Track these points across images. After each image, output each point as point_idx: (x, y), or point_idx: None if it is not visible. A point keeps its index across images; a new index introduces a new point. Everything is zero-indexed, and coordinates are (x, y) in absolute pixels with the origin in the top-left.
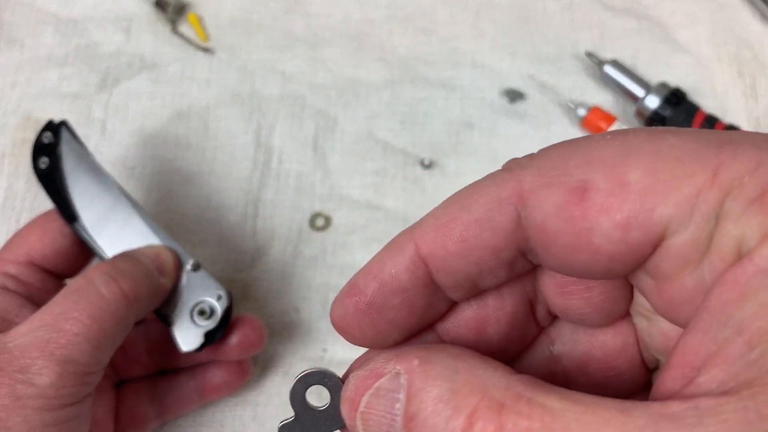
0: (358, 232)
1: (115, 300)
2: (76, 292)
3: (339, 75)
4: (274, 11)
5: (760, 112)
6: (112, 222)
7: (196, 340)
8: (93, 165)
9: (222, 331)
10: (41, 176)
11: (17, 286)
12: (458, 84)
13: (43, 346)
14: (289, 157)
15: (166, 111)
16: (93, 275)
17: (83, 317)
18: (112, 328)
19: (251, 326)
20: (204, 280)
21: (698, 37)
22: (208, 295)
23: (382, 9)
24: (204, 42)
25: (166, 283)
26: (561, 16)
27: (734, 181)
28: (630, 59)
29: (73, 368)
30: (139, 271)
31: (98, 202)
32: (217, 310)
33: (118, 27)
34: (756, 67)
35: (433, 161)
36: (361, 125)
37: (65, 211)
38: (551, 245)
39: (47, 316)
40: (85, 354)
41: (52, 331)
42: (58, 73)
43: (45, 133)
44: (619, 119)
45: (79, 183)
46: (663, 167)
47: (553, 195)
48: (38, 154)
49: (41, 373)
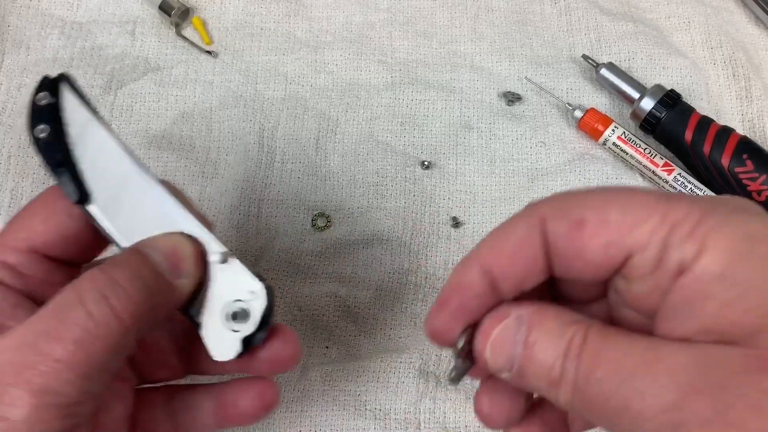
0: (359, 232)
1: (106, 322)
2: (62, 309)
3: (340, 77)
4: (276, 15)
5: (754, 113)
6: (127, 201)
7: (232, 347)
8: (99, 129)
9: (263, 333)
10: (41, 148)
11: (14, 280)
12: (457, 86)
13: (18, 370)
14: (291, 157)
15: (170, 113)
16: (82, 287)
17: (67, 341)
18: (102, 355)
19: (285, 339)
20: (237, 273)
21: (693, 40)
22: (240, 293)
23: (382, 12)
24: (208, 45)
25: (183, 284)
26: (558, 20)
27: (674, 222)
28: (626, 62)
29: (53, 399)
30: (143, 281)
31: (108, 177)
32: (254, 310)
33: (123, 30)
34: (750, 70)
35: (433, 162)
36: (362, 127)
37: (71, 190)
38: (561, 256)
39: (29, 333)
40: (68, 384)
41: (32, 353)
42: None
43: (41, 93)
44: (615, 121)
45: (87, 154)
46: (631, 211)
47: (561, 225)
48: (36, 121)
49: (15, 405)
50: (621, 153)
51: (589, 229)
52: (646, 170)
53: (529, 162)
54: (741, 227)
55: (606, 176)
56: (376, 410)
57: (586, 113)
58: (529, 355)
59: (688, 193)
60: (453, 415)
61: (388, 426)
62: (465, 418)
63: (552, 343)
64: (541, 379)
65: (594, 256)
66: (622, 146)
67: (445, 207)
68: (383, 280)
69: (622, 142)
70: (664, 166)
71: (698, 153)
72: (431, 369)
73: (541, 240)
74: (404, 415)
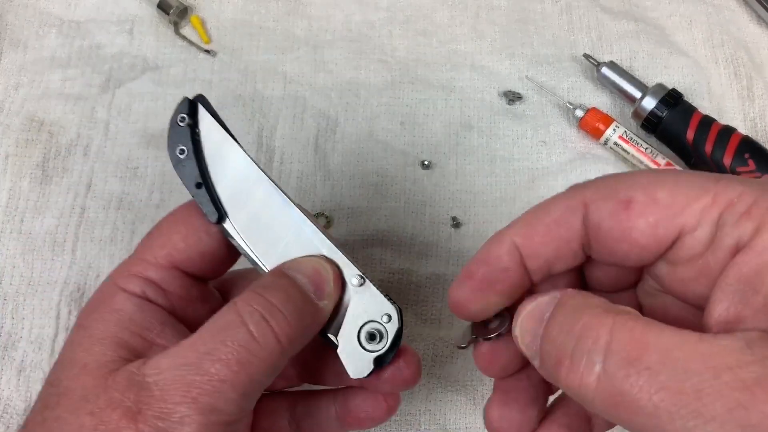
0: (359, 231)
1: (267, 345)
2: (224, 331)
3: (340, 76)
4: (275, 13)
5: (756, 113)
6: (265, 221)
7: (366, 366)
8: (236, 150)
9: (392, 354)
10: (180, 168)
11: (159, 297)
12: (457, 85)
13: (185, 390)
14: (290, 157)
15: (168, 112)
16: (243, 310)
17: (231, 362)
18: (261, 375)
19: (407, 360)
20: (371, 296)
21: (695, 39)
22: (376, 315)
23: (382, 11)
24: (206, 44)
25: (326, 306)
26: (559, 19)
27: (727, 202)
28: (627, 61)
29: (218, 417)
30: (295, 304)
31: (247, 198)
32: (387, 333)
33: (121, 29)
34: (752, 69)
35: (433, 162)
36: (362, 126)
37: (210, 210)
38: (604, 238)
39: (191, 354)
40: (231, 403)
41: (196, 373)
42: (62, 74)
43: (180, 115)
44: (616, 120)
45: (223, 174)
46: (681, 191)
47: (607, 204)
48: (176, 142)
49: (183, 422)
50: (622, 152)
51: (637, 209)
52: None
53: (529, 161)
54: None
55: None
56: None
57: (587, 112)
58: (545, 332)
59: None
60: (453, 416)
61: (389, 427)
62: (465, 420)
63: (570, 318)
64: (553, 360)
65: (641, 237)
66: (623, 145)
67: (445, 207)
68: (383, 280)
69: (624, 141)
70: (665, 165)
71: (700, 152)
72: (432, 370)
73: (579, 222)
74: (405, 416)
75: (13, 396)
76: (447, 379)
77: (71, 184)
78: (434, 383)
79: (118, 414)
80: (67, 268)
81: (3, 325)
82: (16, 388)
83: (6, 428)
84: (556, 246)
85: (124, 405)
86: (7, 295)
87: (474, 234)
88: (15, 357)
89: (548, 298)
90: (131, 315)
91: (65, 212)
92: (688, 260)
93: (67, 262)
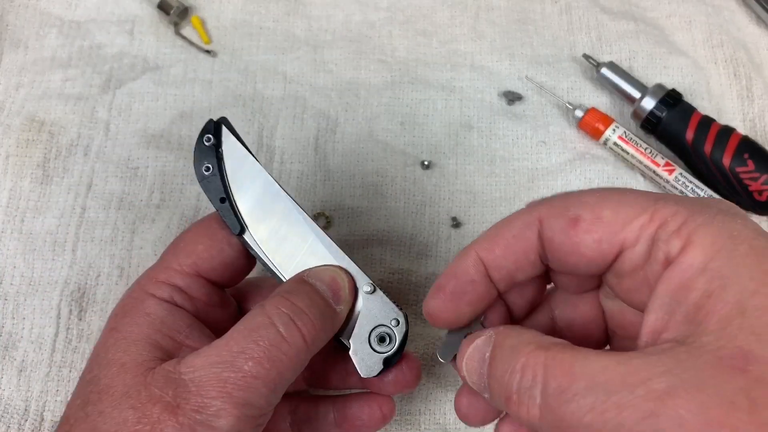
0: (359, 231)
1: (295, 344)
2: (255, 331)
3: (340, 76)
4: (275, 14)
5: (755, 113)
6: (283, 234)
7: (375, 366)
8: (256, 167)
9: (399, 356)
10: (206, 184)
11: (185, 302)
12: (457, 85)
13: (221, 386)
14: (290, 157)
15: (168, 112)
16: (272, 312)
17: (263, 360)
18: (289, 372)
19: (409, 365)
20: (381, 303)
21: (694, 39)
22: (385, 319)
23: (382, 11)
24: (206, 44)
25: (342, 311)
26: (559, 19)
27: (662, 221)
28: (627, 61)
29: (250, 411)
30: (318, 308)
31: (267, 212)
32: (396, 336)
33: (122, 29)
34: (751, 69)
35: (433, 162)
36: (362, 126)
37: (233, 222)
38: (556, 251)
39: (224, 353)
40: (262, 397)
41: (231, 370)
42: (62, 74)
43: (206, 135)
44: (615, 121)
45: (244, 189)
46: (623, 210)
47: (559, 221)
48: (201, 160)
49: (219, 415)
50: (622, 152)
51: (583, 226)
52: (647, 170)
53: (529, 162)
54: (725, 227)
55: (607, 176)
56: None
57: (586, 113)
58: (490, 372)
59: (688, 194)
60: (453, 416)
61: (389, 427)
62: None
63: (508, 359)
64: (502, 396)
65: (587, 251)
66: (622, 146)
67: (445, 207)
68: (383, 279)
69: (623, 141)
70: (665, 165)
71: (699, 153)
72: (432, 370)
73: (535, 236)
74: (404, 416)
75: (13, 396)
76: (447, 379)
77: (72, 184)
78: (434, 383)
79: (159, 408)
80: (67, 268)
81: (3, 325)
82: (17, 388)
83: (6, 428)
84: (515, 258)
85: (163, 400)
86: (7, 295)
87: (474, 234)
88: (15, 357)
89: (484, 339)
90: (162, 318)
91: (66, 212)
92: (631, 272)
93: (68, 261)
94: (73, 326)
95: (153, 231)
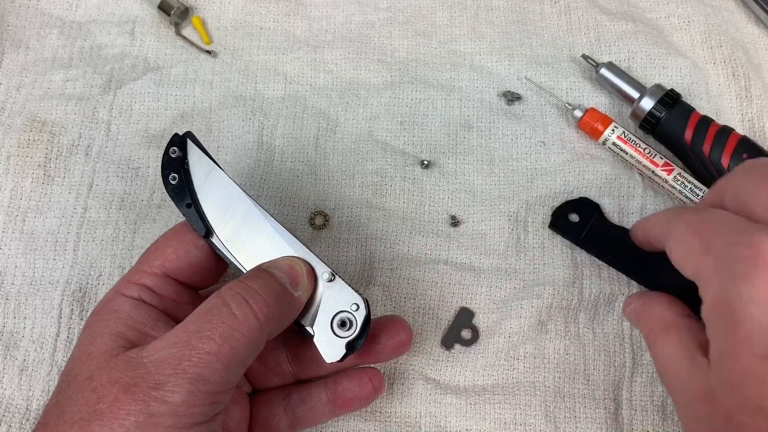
0: (357, 231)
1: (247, 320)
2: (209, 311)
3: (340, 77)
4: (275, 14)
5: (754, 113)
6: (246, 233)
7: (338, 351)
8: (220, 175)
9: (362, 339)
10: (172, 192)
11: (153, 299)
12: (457, 85)
13: (176, 363)
14: (290, 156)
15: (169, 112)
16: (226, 294)
17: (215, 336)
18: (243, 349)
19: (400, 326)
20: (341, 289)
21: (693, 39)
22: (346, 305)
23: (382, 12)
24: (207, 44)
25: (300, 296)
26: (558, 19)
27: None
28: (626, 62)
29: (204, 387)
30: (272, 289)
31: (230, 214)
32: (357, 319)
33: (123, 29)
34: (750, 69)
35: (432, 161)
36: (362, 126)
37: (198, 226)
38: None
39: (181, 334)
40: (216, 373)
41: (185, 348)
42: (63, 74)
43: (172, 148)
44: (614, 121)
45: (210, 195)
46: None
47: None
48: (168, 170)
49: (173, 391)
50: (621, 153)
51: None
52: (646, 170)
53: (528, 161)
54: None
55: (605, 176)
56: (377, 413)
57: (585, 113)
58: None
59: (686, 193)
60: (454, 418)
61: (389, 429)
62: (466, 422)
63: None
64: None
65: None
66: (621, 146)
67: (445, 206)
68: (382, 279)
69: (622, 141)
70: (663, 165)
71: (698, 153)
72: (432, 372)
73: None
74: (405, 418)
75: (15, 395)
76: (447, 381)
77: (73, 184)
78: (434, 386)
79: (117, 389)
80: (68, 267)
81: (5, 325)
82: (18, 388)
83: (8, 428)
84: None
85: (122, 381)
86: (9, 295)
87: (473, 233)
88: (17, 356)
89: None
90: (128, 313)
91: (67, 212)
92: None
93: (69, 261)
94: (74, 326)
95: (154, 231)
